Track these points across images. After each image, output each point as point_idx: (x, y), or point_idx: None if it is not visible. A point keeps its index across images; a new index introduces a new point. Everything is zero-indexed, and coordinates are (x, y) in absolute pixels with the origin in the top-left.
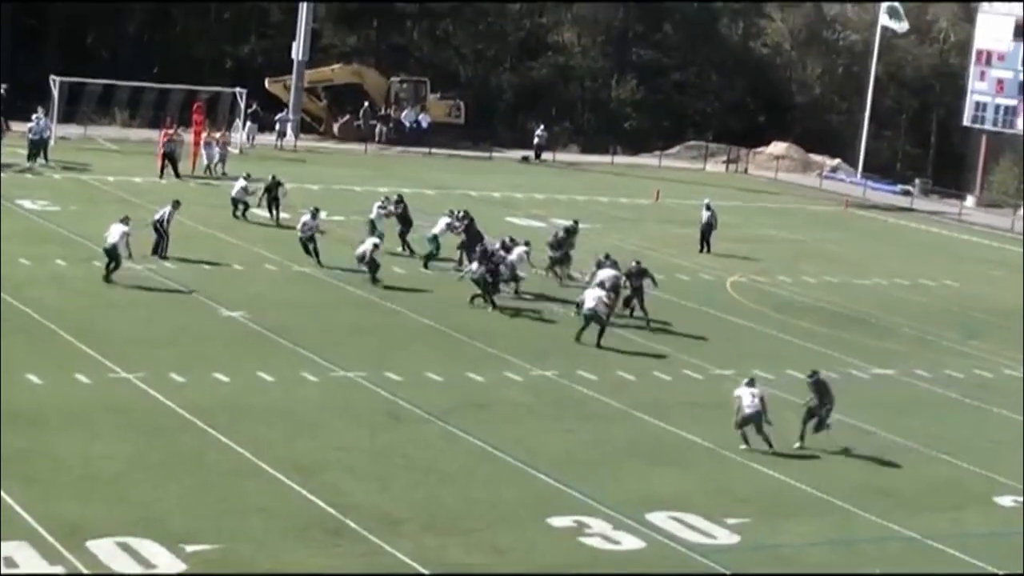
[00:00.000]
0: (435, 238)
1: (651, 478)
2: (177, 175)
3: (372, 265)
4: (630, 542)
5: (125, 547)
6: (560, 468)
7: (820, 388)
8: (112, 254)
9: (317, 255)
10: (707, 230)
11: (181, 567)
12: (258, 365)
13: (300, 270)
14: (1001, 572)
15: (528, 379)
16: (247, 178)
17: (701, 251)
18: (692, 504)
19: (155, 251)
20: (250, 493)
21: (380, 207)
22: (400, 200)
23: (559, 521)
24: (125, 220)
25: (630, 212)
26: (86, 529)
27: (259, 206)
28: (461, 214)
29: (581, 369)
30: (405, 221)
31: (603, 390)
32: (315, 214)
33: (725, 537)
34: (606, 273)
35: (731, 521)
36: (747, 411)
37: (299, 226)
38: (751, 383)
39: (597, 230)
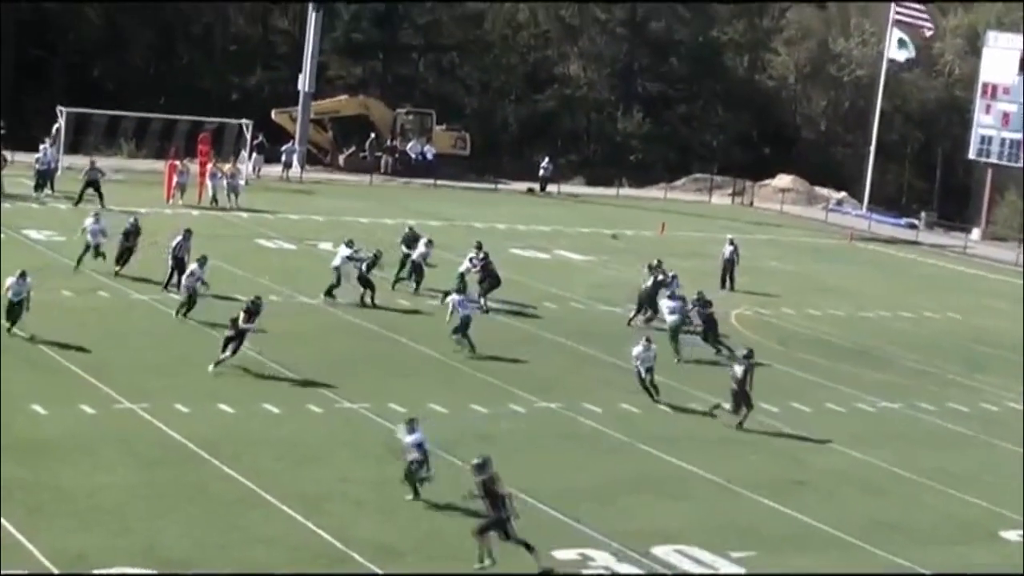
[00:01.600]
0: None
1: (656, 511)
2: (102, 205)
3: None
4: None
5: None
6: (564, 501)
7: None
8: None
9: (188, 306)
10: (729, 266)
11: None
12: (263, 396)
13: (305, 301)
14: None
15: (532, 411)
16: (97, 217)
17: (723, 287)
18: (697, 538)
19: (167, 285)
20: (254, 524)
21: (427, 244)
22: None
23: (563, 554)
24: (23, 275)
25: (635, 244)
26: (90, 559)
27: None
28: (482, 255)
29: (585, 401)
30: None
31: (608, 423)
32: (203, 263)
33: (729, 570)
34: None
35: (736, 555)
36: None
37: (185, 276)
38: (411, 425)
39: (602, 262)
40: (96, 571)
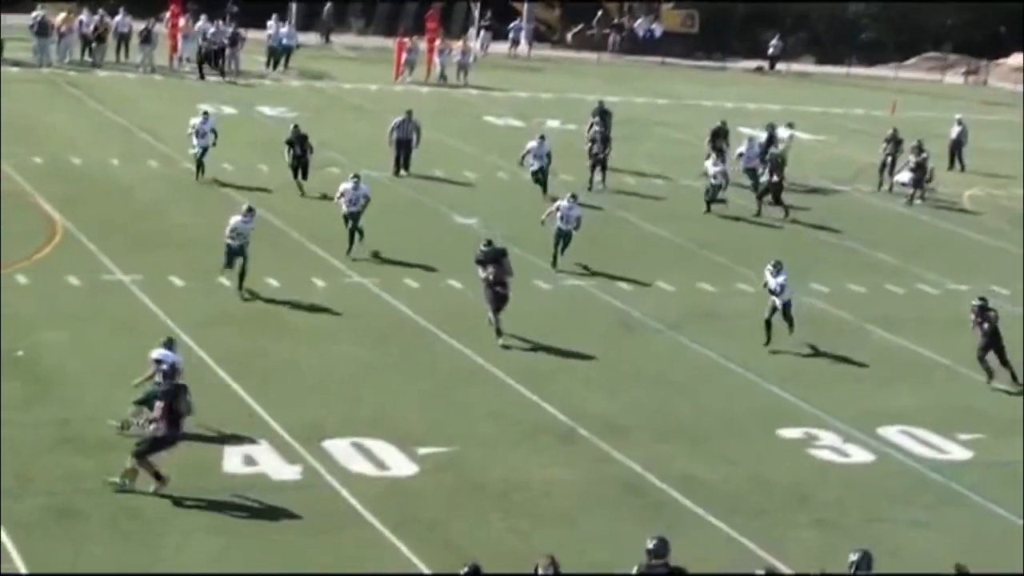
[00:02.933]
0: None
1: (882, 392)
2: (222, 74)
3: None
4: (860, 455)
5: (360, 448)
6: (791, 381)
7: None
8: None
9: (242, 277)
10: (956, 147)
11: (414, 468)
12: None
13: (531, 181)
14: None
15: (759, 290)
16: (206, 116)
17: (951, 168)
18: (924, 419)
19: (396, 169)
20: (482, 398)
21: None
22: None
23: (789, 432)
24: (250, 211)
25: (865, 124)
26: (323, 429)
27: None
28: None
29: (812, 281)
30: None
31: (834, 303)
32: (249, 213)
33: (957, 452)
34: None
35: (964, 437)
36: None
37: (228, 229)
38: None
39: (831, 142)
40: (328, 441)
